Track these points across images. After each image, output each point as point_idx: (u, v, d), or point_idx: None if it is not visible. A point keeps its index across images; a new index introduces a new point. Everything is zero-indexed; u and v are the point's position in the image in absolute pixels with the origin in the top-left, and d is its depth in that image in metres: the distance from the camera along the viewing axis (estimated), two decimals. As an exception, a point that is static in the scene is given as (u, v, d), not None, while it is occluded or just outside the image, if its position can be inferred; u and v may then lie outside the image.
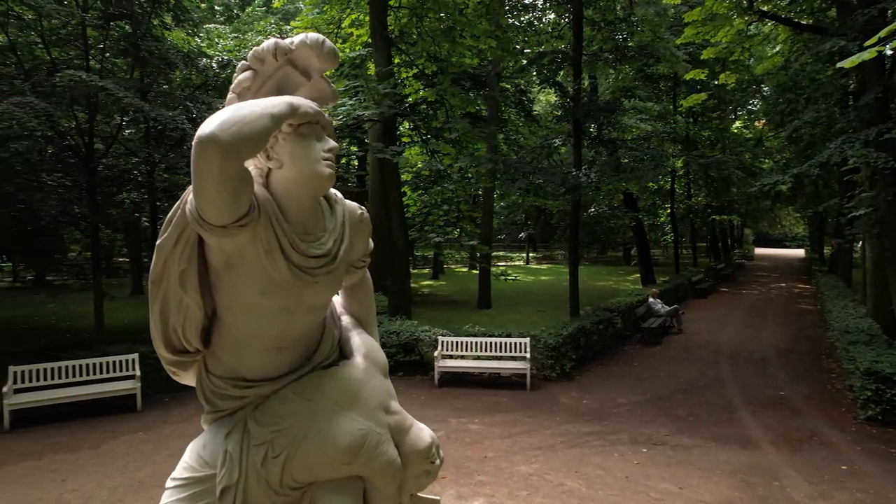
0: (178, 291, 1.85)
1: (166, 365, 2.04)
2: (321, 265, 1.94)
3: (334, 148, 1.93)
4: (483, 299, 19.83)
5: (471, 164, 13.71)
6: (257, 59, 1.91)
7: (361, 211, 2.22)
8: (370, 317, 2.54)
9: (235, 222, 1.64)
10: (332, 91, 2.10)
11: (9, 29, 10.52)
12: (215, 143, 1.49)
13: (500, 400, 9.83)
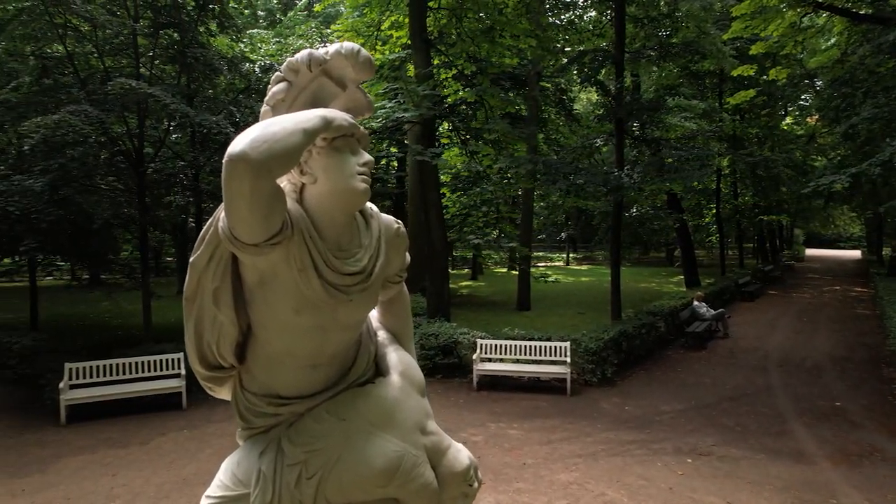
0: (211, 309, 1.83)
1: (201, 380, 2.03)
2: (356, 283, 1.89)
3: (369, 162, 1.88)
4: (522, 301, 19.65)
5: (510, 164, 13.59)
6: (291, 70, 1.88)
7: (398, 225, 2.17)
8: (407, 332, 2.48)
9: (268, 240, 1.61)
10: (368, 101, 2.06)
11: (67, 40, 10.96)
12: (246, 161, 1.45)
13: (539, 405, 9.70)
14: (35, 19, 10.45)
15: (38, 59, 11.41)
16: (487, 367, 10.76)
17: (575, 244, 45.55)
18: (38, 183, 9.04)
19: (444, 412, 9.31)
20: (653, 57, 16.32)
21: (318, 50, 1.90)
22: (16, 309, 17.68)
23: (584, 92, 26.34)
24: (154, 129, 12.57)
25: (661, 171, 13.39)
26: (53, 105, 10.22)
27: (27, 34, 11.05)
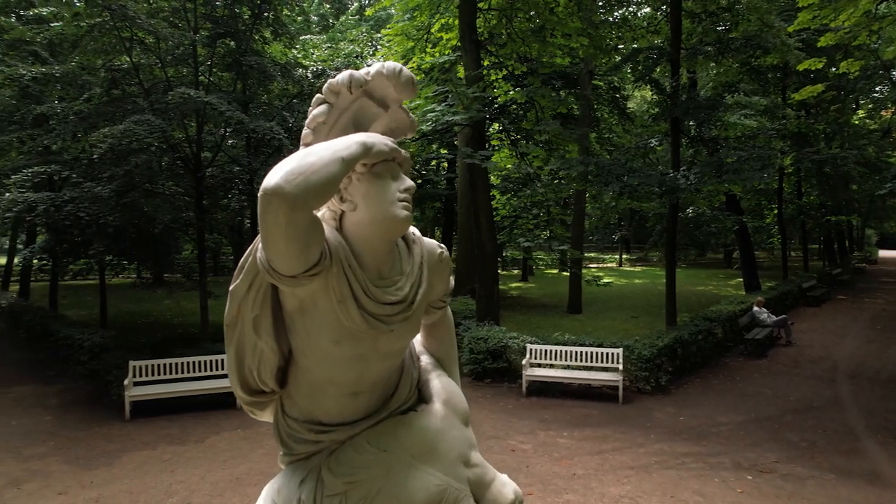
0: (251, 336, 1.82)
1: (243, 405, 2.03)
2: (397, 312, 1.84)
3: (411, 188, 1.82)
4: (574, 304, 19.34)
5: (562, 166, 13.35)
6: (332, 91, 1.84)
7: (441, 250, 2.12)
8: (451, 357, 2.41)
9: (306, 272, 1.59)
10: (411, 121, 2.01)
11: (133, 53, 11.50)
12: (280, 195, 1.41)
13: (590, 413, 9.50)
14: (105, 34, 11.02)
15: (108, 72, 12.03)
16: (537, 373, 10.62)
17: (628, 245, 44.51)
18: (105, 189, 9.52)
19: (492, 418, 9.25)
20: (711, 53, 15.69)
21: (359, 70, 1.87)
22: (88, 306, 18.71)
23: (638, 90, 25.64)
24: (211, 134, 13.03)
25: (720, 172, 12.85)
26: (120, 115, 10.75)
27: (98, 48, 11.67)
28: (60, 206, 9.64)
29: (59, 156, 12.71)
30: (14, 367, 12.49)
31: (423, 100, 13.57)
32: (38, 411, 9.72)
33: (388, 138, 1.78)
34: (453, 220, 24.20)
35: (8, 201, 9.60)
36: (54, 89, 13.11)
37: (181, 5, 11.83)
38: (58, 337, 12.36)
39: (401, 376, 2.11)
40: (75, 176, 10.57)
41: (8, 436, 8.73)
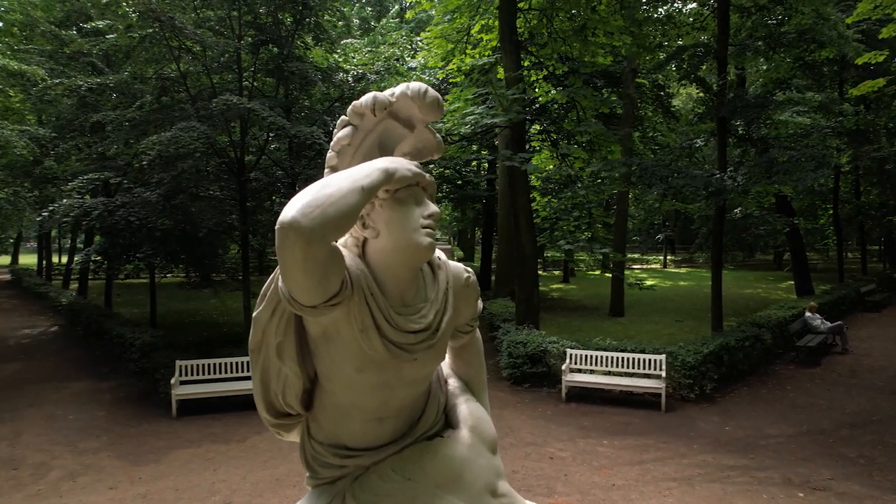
0: (276, 361, 1.83)
1: (269, 426, 2.04)
2: (421, 340, 1.81)
3: (435, 214, 1.78)
4: (616, 307, 18.97)
5: (604, 167, 13.10)
6: (356, 114, 1.82)
7: (468, 275, 2.07)
8: (480, 380, 2.36)
9: (326, 302, 1.57)
10: (438, 141, 1.98)
11: (181, 62, 11.90)
12: (296, 230, 1.39)
13: (631, 420, 9.29)
14: (155, 44, 11.44)
15: (159, 80, 12.48)
16: (577, 379, 10.46)
17: (673, 246, 43.37)
18: (153, 194, 9.89)
19: (530, 424, 9.16)
20: (761, 48, 15.09)
21: (384, 92, 1.84)
22: (140, 304, 19.45)
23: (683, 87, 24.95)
24: (255, 139, 13.36)
25: (769, 173, 12.35)
26: (169, 122, 11.15)
27: (149, 58, 12.13)
28: (113, 210, 10.09)
29: (114, 161, 13.27)
30: (73, 363, 13.09)
31: (463, 102, 13.55)
32: (93, 407, 10.16)
33: (411, 162, 1.76)
34: (494, 220, 24.10)
35: (66, 207, 10.10)
36: (109, 98, 13.70)
37: (226, 14, 12.17)
38: (111, 335, 12.92)
39: (427, 401, 2.08)
40: (126, 182, 11.03)
41: (66, 430, 9.17)
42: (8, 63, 11.63)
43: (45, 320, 18.50)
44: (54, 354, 13.94)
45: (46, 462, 7.92)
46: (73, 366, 12.91)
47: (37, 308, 20.91)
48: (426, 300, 1.89)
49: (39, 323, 18.05)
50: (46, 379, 11.87)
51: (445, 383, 2.27)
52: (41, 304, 21.55)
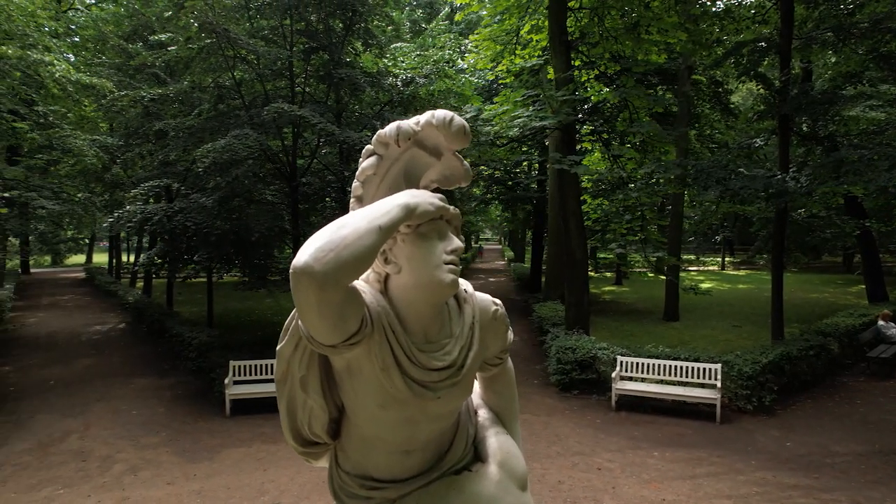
0: (301, 394, 1.82)
1: (297, 454, 2.04)
2: (444, 378, 1.76)
3: (458, 249, 1.72)
4: (670, 311, 18.40)
5: (657, 169, 12.71)
6: (381, 143, 1.79)
7: (495, 308, 2.00)
8: (511, 412, 2.28)
9: (345, 342, 1.55)
10: (465, 169, 1.92)
11: (236, 71, 12.33)
12: (309, 275, 1.36)
13: (683, 431, 8.98)
14: (212, 55, 11.89)
15: (216, 89, 12.96)
16: (627, 387, 10.20)
17: (732, 247, 41.66)
18: (209, 200, 10.27)
19: (578, 432, 8.99)
20: (829, 40, 14.25)
21: (408, 120, 1.80)
22: (199, 303, 20.24)
23: (742, 84, 23.90)
24: (307, 144, 13.67)
25: (837, 173, 11.65)
26: (225, 129, 11.56)
27: (206, 68, 12.62)
28: (172, 215, 10.56)
29: (174, 167, 13.89)
30: (137, 360, 13.76)
31: (512, 104, 13.44)
32: (154, 403, 10.65)
33: (434, 195, 1.71)
34: (544, 222, 23.81)
35: (129, 212, 10.66)
36: (171, 107, 14.34)
37: (279, 23, 12.51)
38: (172, 334, 13.50)
39: (456, 433, 2.03)
40: (184, 188, 11.51)
41: (130, 424, 9.65)
42: (81, 77, 12.36)
43: (114, 317, 19.53)
44: (121, 351, 14.69)
45: (111, 455, 8.35)
46: (137, 362, 13.57)
47: (107, 305, 22.10)
48: (451, 336, 1.84)
49: (109, 320, 19.07)
50: (114, 374, 12.53)
51: (475, 414, 2.21)
52: (111, 301, 22.76)
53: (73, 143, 13.38)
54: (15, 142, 15.86)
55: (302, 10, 12.02)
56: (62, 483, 7.50)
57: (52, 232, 26.66)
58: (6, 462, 8.29)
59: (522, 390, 11.34)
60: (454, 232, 1.80)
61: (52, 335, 16.43)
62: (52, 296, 24.71)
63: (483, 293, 2.04)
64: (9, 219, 13.14)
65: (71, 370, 12.87)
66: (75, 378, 12.26)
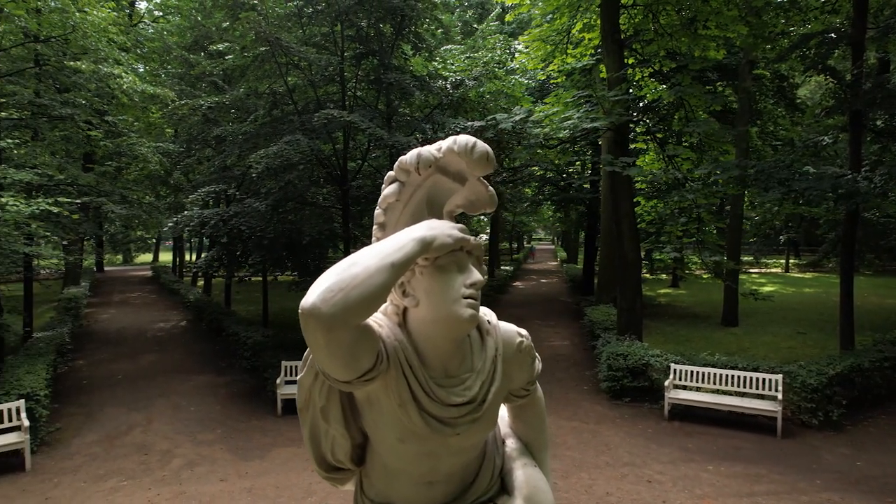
0: (322, 423, 1.81)
1: (322, 479, 2.04)
2: (464, 414, 1.71)
3: (478, 282, 1.66)
4: (729, 315, 17.64)
5: (714, 169, 12.22)
6: (402, 170, 1.75)
7: (520, 339, 1.93)
8: (541, 443, 2.20)
9: (359, 378, 1.52)
10: (490, 195, 1.86)
11: (288, 77, 12.66)
12: (316, 317, 1.33)
13: (741, 445, 8.59)
14: (266, 62, 12.25)
15: (270, 95, 13.36)
16: (681, 396, 9.85)
17: (797, 249, 39.53)
18: (262, 204, 10.59)
19: (629, 442, 8.75)
20: (909, 28, 13.32)
21: (430, 147, 1.76)
22: (256, 302, 20.87)
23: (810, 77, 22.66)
24: (357, 148, 13.90)
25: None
26: (278, 134, 11.90)
27: (261, 75, 13.03)
28: (227, 220, 10.96)
29: (231, 172, 14.42)
30: (196, 357, 14.35)
31: (563, 105, 13.22)
32: (211, 400, 11.07)
33: (455, 226, 1.66)
34: (597, 222, 23.35)
35: (186, 217, 11.14)
36: (228, 114, 14.89)
37: (330, 29, 12.76)
38: (228, 333, 13.99)
39: (482, 464, 1.98)
40: (238, 193, 11.93)
41: (188, 420, 10.06)
42: (146, 88, 13.03)
43: (176, 315, 20.43)
44: (182, 348, 15.35)
45: (171, 450, 8.73)
46: (196, 359, 14.14)
47: (170, 303, 23.14)
48: (472, 370, 1.78)
49: (172, 317, 19.96)
50: (175, 371, 13.10)
51: (503, 444, 2.15)
52: (174, 299, 23.82)
53: (139, 150, 14.13)
54: (90, 149, 16.89)
55: (352, 17, 12.23)
56: (125, 475, 7.90)
57: (123, 233, 28.20)
58: (78, 452, 8.81)
59: (571, 396, 11.15)
60: (476, 263, 1.75)
61: (121, 331, 17.34)
62: (122, 293, 26.08)
63: (508, 323, 1.98)
64: (82, 222, 13.95)
65: (136, 365, 13.55)
66: (140, 373, 12.89)
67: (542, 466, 2.14)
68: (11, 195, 9.50)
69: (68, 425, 9.89)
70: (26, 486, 7.65)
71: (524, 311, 21.00)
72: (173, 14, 23.66)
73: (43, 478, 7.90)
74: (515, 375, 1.94)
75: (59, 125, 13.64)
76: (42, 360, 10.63)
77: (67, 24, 11.70)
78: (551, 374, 12.75)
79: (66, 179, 12.41)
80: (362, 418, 1.82)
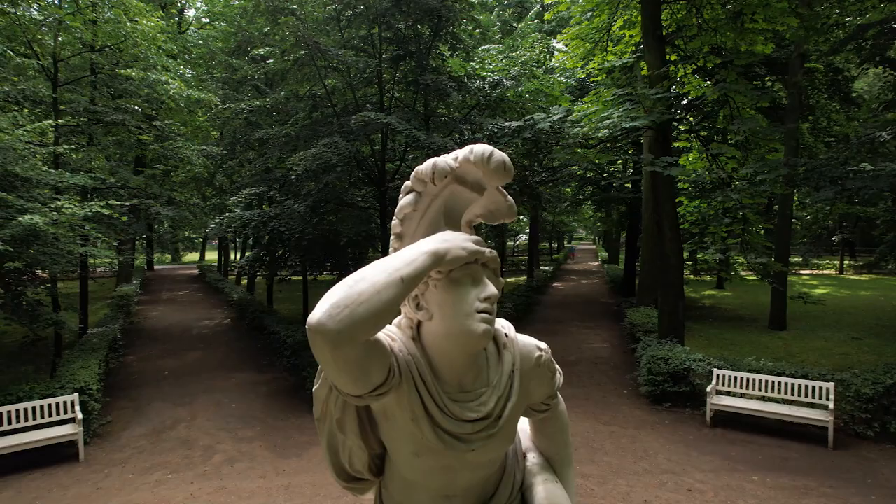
0: (339, 434, 1.81)
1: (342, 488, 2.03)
2: (479, 430, 1.68)
3: (493, 296, 1.62)
4: (777, 318, 16.96)
5: (760, 168, 11.79)
6: (419, 180, 1.73)
7: (539, 354, 1.88)
8: (563, 458, 2.13)
9: (370, 393, 1.51)
10: (509, 205, 1.83)
11: (327, 80, 12.86)
12: (322, 334, 1.31)
13: (788, 455, 8.25)
14: (306, 65, 12.48)
15: (310, 98, 13.60)
16: (724, 402, 9.53)
17: (853, 249, 37.71)
18: (301, 206, 10.79)
19: (668, 448, 8.53)
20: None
21: (446, 156, 1.74)
22: (297, 300, 21.32)
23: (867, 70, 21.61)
24: (395, 149, 14.00)
25: None
26: (317, 137, 12.11)
27: (300, 78, 13.29)
28: (267, 221, 11.22)
29: (273, 174, 14.76)
30: (238, 355, 14.73)
31: (602, 104, 13.00)
32: (252, 397, 11.34)
33: (470, 237, 1.62)
34: (639, 222, 22.88)
35: (228, 219, 11.47)
36: (269, 117, 15.25)
37: (367, 32, 12.90)
38: (269, 331, 14.30)
39: (501, 478, 1.94)
40: (278, 195, 12.21)
41: (229, 417, 10.33)
42: (192, 93, 13.47)
43: (220, 313, 21.03)
44: (225, 345, 15.79)
45: (212, 446, 8.98)
46: (239, 357, 14.52)
47: (215, 301, 23.85)
48: (487, 385, 1.75)
49: (216, 315, 20.56)
50: (218, 368, 13.48)
51: (523, 458, 2.10)
52: (218, 297, 24.53)
53: (185, 153, 14.63)
54: (140, 152, 17.58)
55: (390, 19, 12.33)
56: (170, 469, 8.17)
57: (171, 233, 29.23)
58: (127, 445, 9.17)
59: (610, 400, 10.95)
60: (492, 276, 1.71)
61: (169, 328, 17.96)
62: (171, 291, 27.01)
63: (527, 336, 1.93)
64: (132, 224, 14.53)
65: (182, 362, 14.01)
66: (185, 370, 13.32)
67: (564, 483, 2.08)
68: (67, 198, 9.96)
69: (118, 418, 10.30)
70: (80, 475, 8.01)
71: (563, 313, 20.76)
72: (219, 20, 24.38)
73: (95, 468, 8.25)
74: (534, 390, 1.90)
75: (112, 130, 14.26)
76: (95, 356, 11.11)
77: (119, 33, 12.21)
78: (590, 376, 12.56)
79: (118, 183, 12.94)
80: (381, 432, 1.81)
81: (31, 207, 8.76)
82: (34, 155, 9.44)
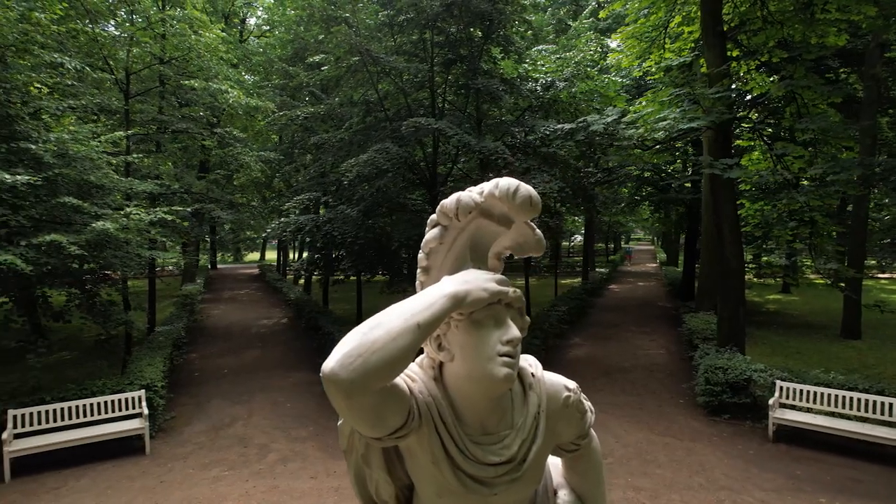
0: (365, 468, 1.81)
1: None
2: (502, 474, 1.63)
3: (515, 339, 1.58)
4: (849, 327, 15.97)
5: (830, 169, 11.12)
6: (444, 214, 1.70)
7: (568, 394, 1.82)
8: (596, 496, 2.06)
9: (390, 436, 1.50)
10: (538, 239, 1.77)
11: (380, 85, 13.05)
12: (335, 383, 1.30)
13: (861, 477, 7.75)
14: (359, 71, 12.71)
15: (363, 104, 13.85)
16: (788, 416, 9.06)
17: (940, 252, 35.07)
18: (353, 210, 10.99)
19: (726, 463, 8.19)
20: None
21: (471, 190, 1.70)
22: (352, 301, 21.68)
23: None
24: (446, 153, 14.05)
25: None
26: (370, 142, 12.31)
27: (354, 84, 13.54)
28: (321, 225, 11.50)
29: (327, 178, 15.12)
30: (295, 355, 15.14)
31: (657, 105, 12.60)
32: (307, 397, 11.63)
33: (493, 276, 1.59)
34: (699, 224, 22.07)
35: (283, 223, 11.83)
36: (324, 122, 15.62)
37: (419, 37, 13.00)
38: (324, 331, 14.64)
39: None
40: (331, 200, 12.49)
41: (284, 416, 10.64)
42: (250, 101, 14.00)
43: (278, 312, 21.69)
44: (282, 345, 16.27)
45: (267, 444, 9.27)
46: (295, 356, 14.93)
47: (274, 301, 24.61)
48: (511, 427, 1.70)
49: (274, 315, 21.22)
50: (275, 367, 13.91)
51: (554, 494, 2.05)
52: (277, 297, 25.30)
53: (244, 158, 15.21)
54: (204, 157, 18.39)
55: (441, 23, 12.37)
56: (227, 465, 8.49)
57: (233, 235, 30.45)
58: (188, 440, 9.60)
59: (665, 410, 10.61)
60: (516, 315, 1.67)
61: (229, 327, 18.67)
62: (232, 290, 28.09)
63: (556, 374, 1.87)
64: (194, 227, 15.22)
65: (241, 360, 14.53)
66: (244, 368, 13.81)
67: None
68: (136, 204, 10.53)
69: (181, 414, 10.79)
70: (145, 468, 8.44)
71: (618, 317, 20.27)
72: (277, 27, 25.17)
73: (159, 462, 8.67)
74: (562, 431, 1.85)
75: (178, 137, 14.98)
76: (161, 353, 11.69)
77: (185, 46, 12.81)
78: (644, 384, 12.21)
79: (182, 188, 13.57)
80: (406, 464, 1.81)
81: (103, 214, 9.31)
82: (108, 164, 10.02)
